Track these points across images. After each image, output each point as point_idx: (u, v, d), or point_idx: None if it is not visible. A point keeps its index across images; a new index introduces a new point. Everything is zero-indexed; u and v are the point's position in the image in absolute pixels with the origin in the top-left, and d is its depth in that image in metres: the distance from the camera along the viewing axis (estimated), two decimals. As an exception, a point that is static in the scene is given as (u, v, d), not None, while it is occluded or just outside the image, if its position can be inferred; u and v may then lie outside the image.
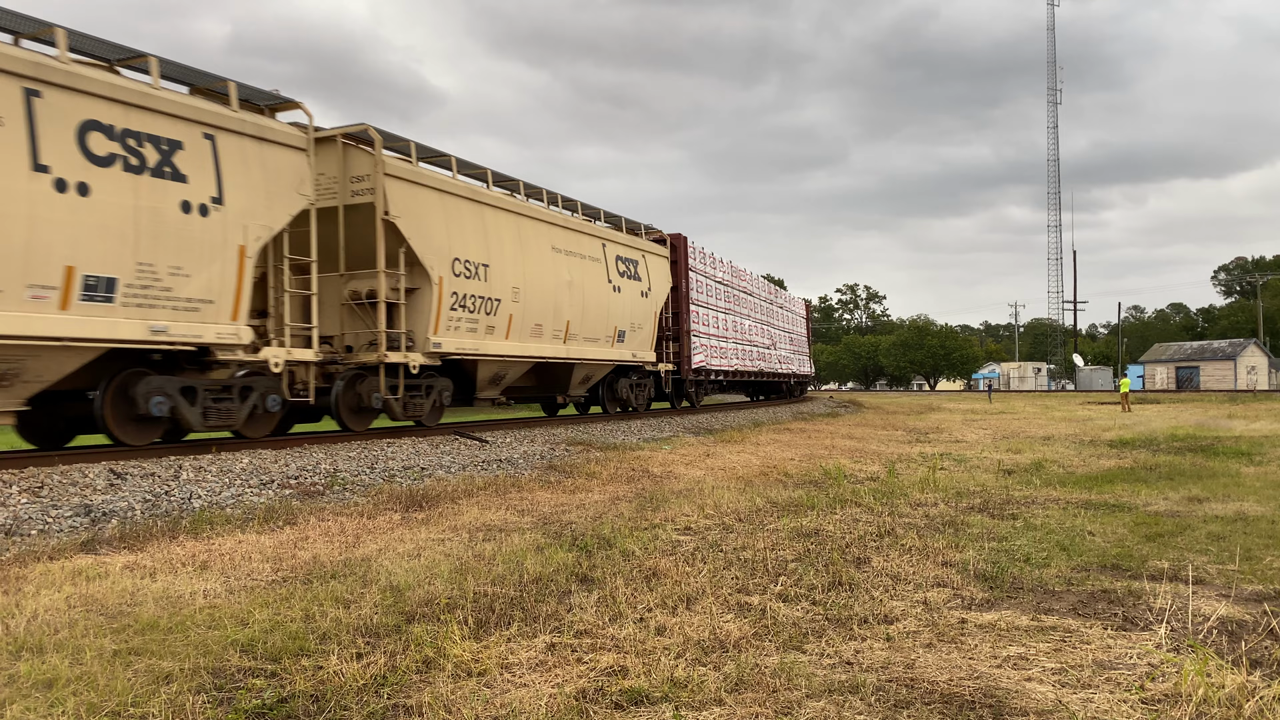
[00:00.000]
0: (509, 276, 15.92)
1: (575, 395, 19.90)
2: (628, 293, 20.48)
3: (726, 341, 27.95)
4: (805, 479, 11.58)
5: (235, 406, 11.47)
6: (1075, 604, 5.15)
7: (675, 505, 8.78)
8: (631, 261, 20.94)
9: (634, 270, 20.97)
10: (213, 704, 3.58)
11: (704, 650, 4.27)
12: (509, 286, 15.91)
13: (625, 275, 20.41)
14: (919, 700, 3.63)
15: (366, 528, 7.55)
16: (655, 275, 22.19)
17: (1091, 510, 8.66)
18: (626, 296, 20.37)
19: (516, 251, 16.21)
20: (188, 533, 7.22)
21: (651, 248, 22.32)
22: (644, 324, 21.40)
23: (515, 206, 16.51)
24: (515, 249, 16.19)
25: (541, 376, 18.49)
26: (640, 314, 21.14)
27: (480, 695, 3.68)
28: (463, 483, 10.28)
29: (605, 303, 19.33)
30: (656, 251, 22.68)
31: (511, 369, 16.59)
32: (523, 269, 16.37)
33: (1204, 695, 3.52)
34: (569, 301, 17.86)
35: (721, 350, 27.30)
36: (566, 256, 17.94)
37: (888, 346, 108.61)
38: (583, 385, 19.81)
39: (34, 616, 4.69)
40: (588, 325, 18.59)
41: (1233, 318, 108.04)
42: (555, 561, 6.07)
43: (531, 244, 16.77)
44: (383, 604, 4.98)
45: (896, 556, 6.39)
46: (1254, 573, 5.88)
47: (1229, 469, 12.41)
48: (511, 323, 16.06)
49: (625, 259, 20.56)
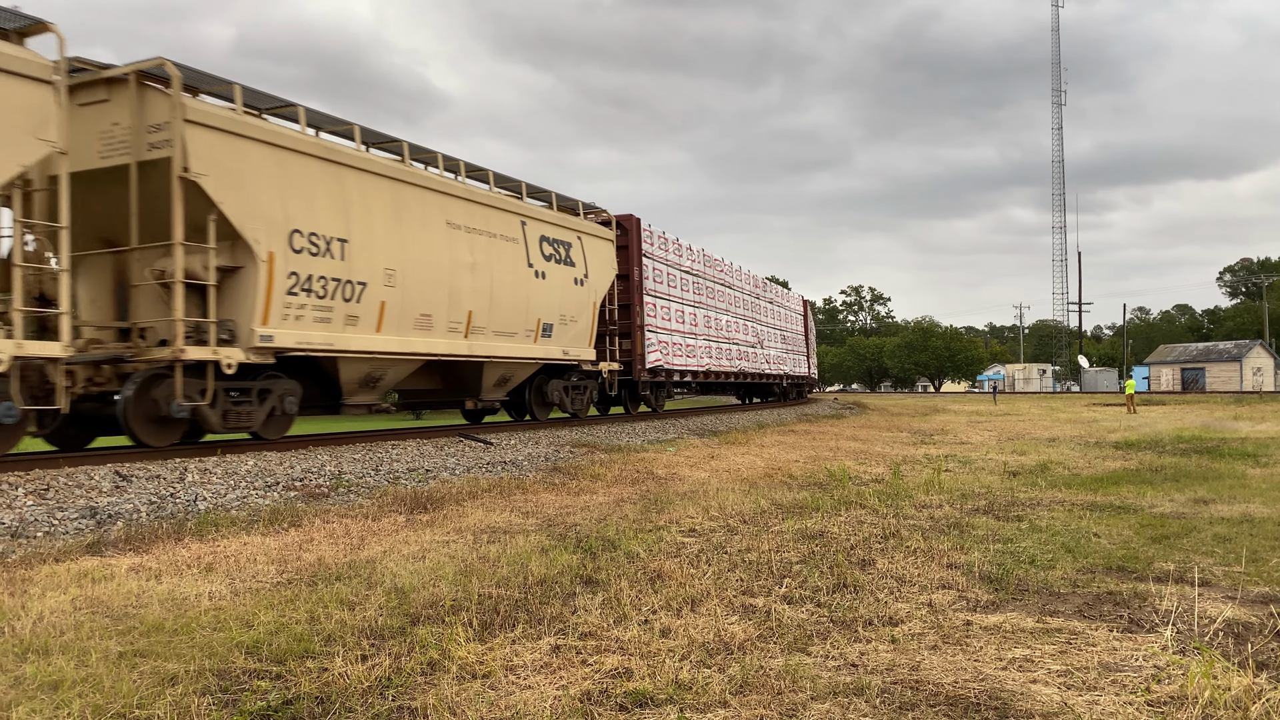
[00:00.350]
0: (379, 255, 13.00)
1: (490, 400, 16.84)
2: (556, 280, 17.51)
3: (696, 339, 24.99)
4: (810, 481, 11.57)
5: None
6: (1081, 606, 5.14)
7: (680, 507, 8.78)
8: (562, 244, 17.90)
9: (566, 254, 17.93)
10: (218, 706, 3.59)
11: (709, 652, 4.27)
12: (379, 268, 12.96)
13: (554, 259, 17.46)
14: (924, 702, 3.63)
15: (371, 530, 7.56)
16: (596, 261, 19.14)
17: (1097, 512, 8.64)
18: (555, 284, 17.43)
19: (391, 225, 13.33)
20: (193, 535, 7.24)
21: (591, 229, 19.22)
22: (579, 316, 18.37)
23: (392, 171, 13.54)
24: (390, 222, 13.30)
25: (445, 377, 15.88)
26: (574, 305, 18.17)
27: (485, 697, 3.68)
28: (467, 485, 10.29)
29: (524, 291, 16.45)
30: (598, 234, 19.48)
31: (391, 369, 13.77)
32: (401, 247, 13.46)
33: (1210, 697, 3.51)
34: (471, 288, 14.98)
35: (689, 348, 24.38)
36: (469, 234, 14.94)
37: (892, 348, 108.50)
38: (500, 388, 16.90)
39: (40, 618, 4.70)
40: (499, 317, 15.74)
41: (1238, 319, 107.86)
42: (560, 563, 6.08)
43: (415, 217, 13.83)
44: (387, 606, 4.98)
45: (901, 558, 6.38)
46: (1260, 574, 5.86)
47: (1235, 470, 12.37)
48: (384, 312, 13.12)
49: (554, 240, 17.58)
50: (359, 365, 13.10)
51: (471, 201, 15.26)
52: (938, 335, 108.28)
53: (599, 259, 19.38)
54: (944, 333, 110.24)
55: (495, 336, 15.78)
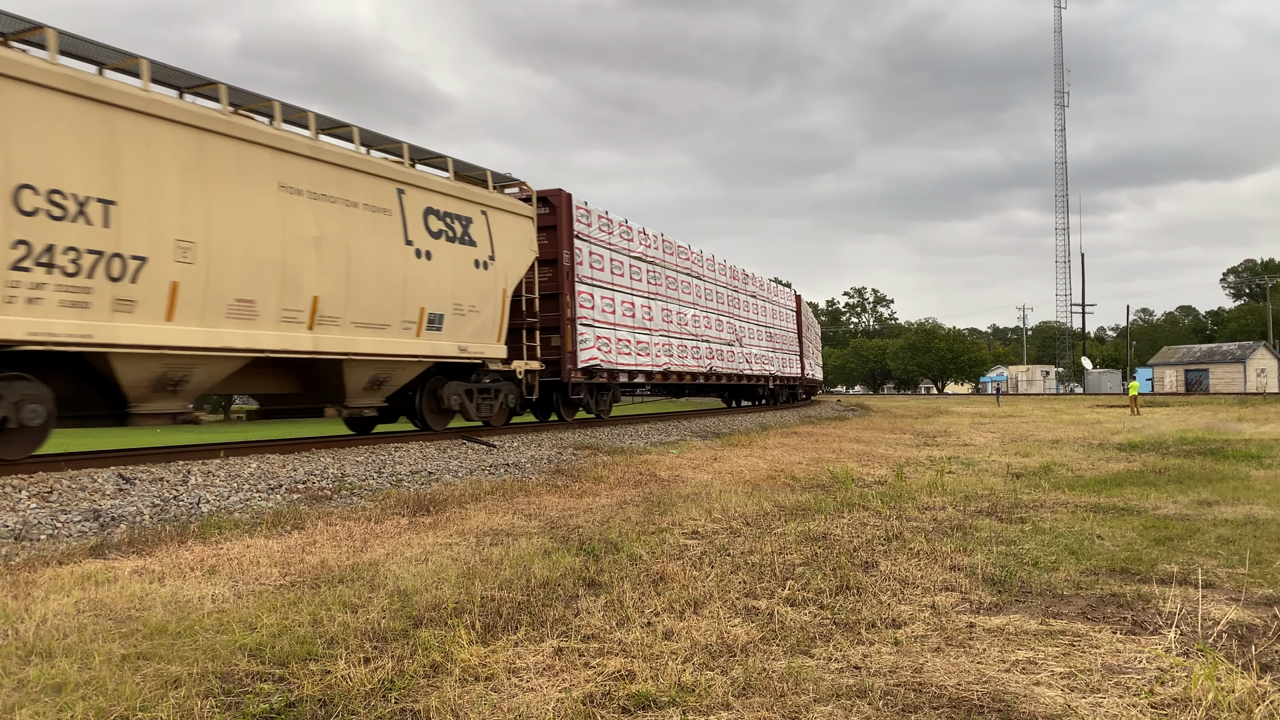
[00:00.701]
0: (168, 223, 10.18)
1: (361, 406, 13.55)
2: (448, 261, 14.41)
3: (652, 335, 21.88)
4: (813, 483, 11.57)
5: None
6: (1084, 608, 5.13)
7: (682, 509, 8.78)
8: (458, 219, 14.78)
9: (464, 231, 14.85)
10: (220, 708, 3.59)
11: (711, 654, 4.26)
12: (167, 239, 10.16)
13: (446, 237, 14.44)
14: (927, 704, 3.62)
15: (374, 532, 7.57)
16: (508, 241, 15.97)
17: (1100, 514, 8.63)
18: (446, 266, 14.35)
19: (191, 186, 10.48)
20: (196, 537, 7.25)
21: (502, 203, 16.04)
22: (482, 306, 15.20)
23: (196, 118, 10.63)
24: (188, 182, 10.45)
25: (302, 378, 12.89)
26: (474, 292, 15.03)
27: (487, 700, 3.68)
28: (470, 487, 10.29)
29: (400, 274, 13.39)
30: (512, 209, 16.30)
31: (199, 368, 10.78)
32: (205, 214, 10.57)
33: (1214, 700, 3.51)
34: (318, 268, 11.91)
35: (641, 345, 21.27)
36: (315, 201, 11.89)
37: (895, 350, 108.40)
38: (374, 392, 13.62)
39: (43, 621, 4.71)
40: (361, 305, 12.67)
41: (1242, 320, 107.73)
42: (562, 566, 6.08)
43: (231, 177, 10.94)
44: (390, 608, 4.99)
45: (904, 560, 6.38)
46: (1264, 576, 5.85)
47: (1239, 472, 12.35)
48: (177, 296, 10.30)
49: (447, 214, 14.53)
50: (145, 364, 10.20)
51: (319, 161, 12.07)
52: (941, 337, 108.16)
53: (512, 239, 16.16)
54: (947, 334, 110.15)
55: (357, 329, 12.66)
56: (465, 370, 15.71)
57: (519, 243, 16.45)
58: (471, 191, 15.25)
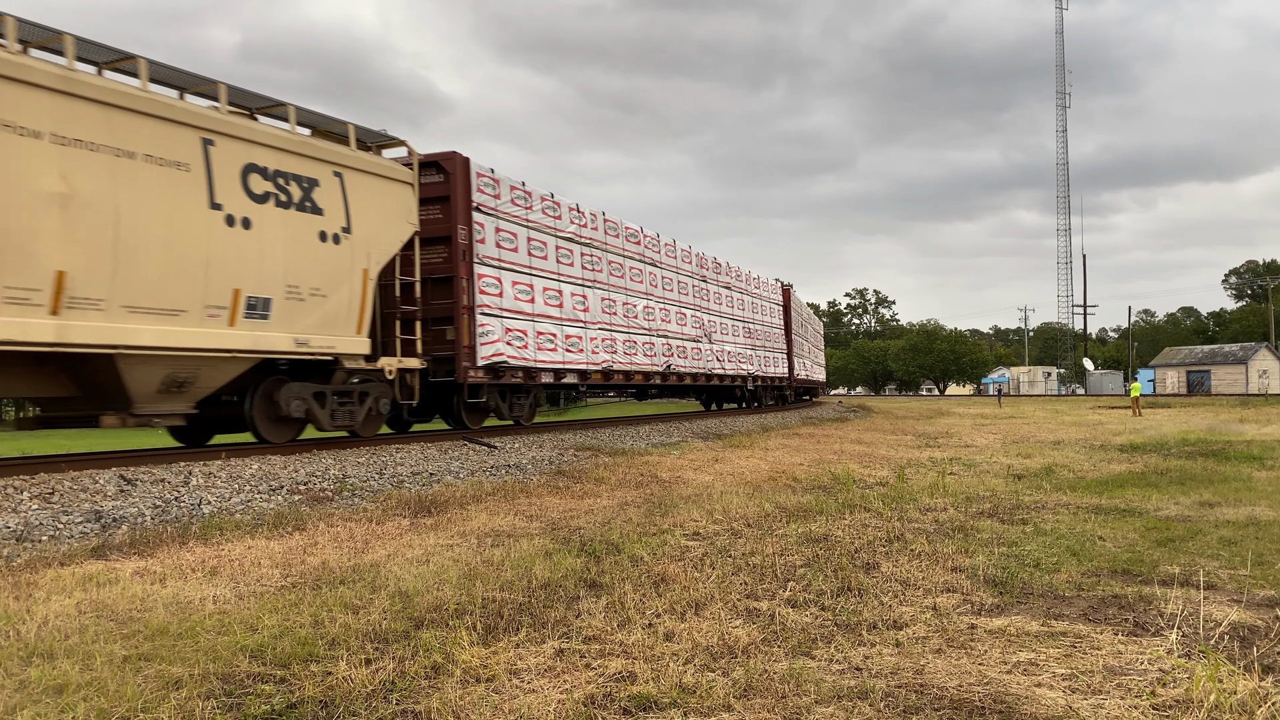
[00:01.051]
0: None
1: (157, 413, 10.75)
2: (280, 233, 11.54)
3: (587, 328, 18.88)
4: (814, 484, 11.56)
5: None
6: (1086, 609, 5.13)
7: (684, 510, 8.78)
8: (298, 180, 11.80)
9: (304, 195, 11.86)
10: (222, 710, 3.59)
11: (713, 656, 4.26)
12: None
13: (277, 201, 11.53)
14: (928, 706, 3.62)
15: (375, 533, 7.57)
16: (372, 211, 12.98)
17: (1102, 515, 8.62)
18: (276, 239, 11.48)
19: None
20: (197, 538, 7.25)
21: (365, 163, 13.02)
22: (332, 290, 12.25)
23: None
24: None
25: (78, 378, 10.27)
26: (321, 272, 12.07)
27: (489, 701, 3.69)
28: (471, 488, 10.29)
29: (203, 245, 10.62)
30: (382, 172, 13.33)
31: None
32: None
33: (1215, 701, 3.50)
34: (64, 234, 9.26)
35: (571, 340, 18.19)
36: (60, 148, 9.23)
37: (897, 351, 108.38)
38: (174, 395, 10.75)
39: (45, 622, 4.71)
40: (139, 284, 9.97)
41: (1244, 321, 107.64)
42: (564, 567, 6.08)
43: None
44: (391, 610, 4.99)
45: (906, 562, 6.38)
46: (1266, 578, 5.85)
47: (1240, 473, 12.34)
48: None
49: (280, 174, 11.59)
50: None
51: (70, 96, 9.34)
52: (942, 338, 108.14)
53: (380, 209, 13.19)
54: (948, 336, 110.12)
55: (132, 315, 9.96)
56: (320, 369, 12.71)
57: (390, 213, 13.42)
58: (320, 148, 12.29)
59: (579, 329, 18.61)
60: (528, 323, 16.76)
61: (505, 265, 16.18)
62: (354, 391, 13.12)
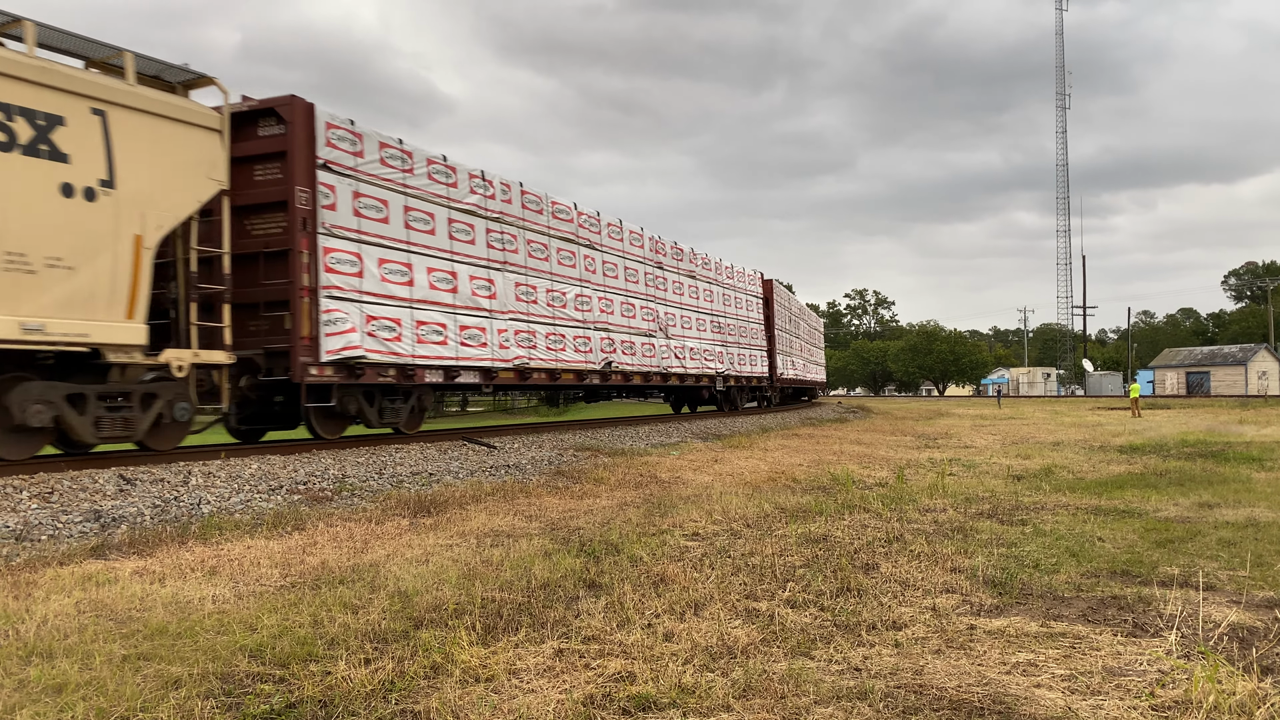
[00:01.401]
0: None
1: None
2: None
3: (493, 318, 15.78)
4: (813, 485, 11.57)
5: None
6: (1085, 610, 5.13)
7: (683, 511, 8.78)
8: (28, 116, 8.97)
9: (39, 137, 9.06)
10: (221, 709, 3.59)
11: (712, 656, 4.27)
12: None
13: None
14: (927, 707, 3.62)
15: (375, 533, 7.57)
16: (152, 161, 10.16)
17: (1101, 516, 8.62)
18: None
19: None
20: (197, 538, 7.25)
21: (142, 101, 10.15)
22: (83, 261, 9.43)
23: None
24: None
25: None
26: (63, 237, 9.26)
27: (488, 701, 3.69)
28: (471, 488, 10.29)
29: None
30: (169, 113, 10.45)
31: None
32: None
33: (1215, 702, 3.51)
34: None
35: (470, 332, 15.16)
36: None
37: (896, 352, 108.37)
38: None
39: (44, 621, 4.71)
40: None
41: (1243, 323, 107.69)
42: (563, 567, 6.08)
43: None
44: (391, 610, 4.99)
45: (905, 562, 6.38)
46: (1265, 579, 5.85)
47: (1240, 474, 12.34)
48: None
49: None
50: None
51: None
52: (942, 339, 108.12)
53: (166, 159, 10.40)
54: (948, 336, 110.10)
55: None
56: (88, 365, 9.93)
57: (182, 166, 10.61)
58: (66, 76, 9.42)
59: (481, 319, 15.54)
60: (402, 310, 13.74)
61: (368, 239, 13.17)
62: (137, 394, 10.35)
